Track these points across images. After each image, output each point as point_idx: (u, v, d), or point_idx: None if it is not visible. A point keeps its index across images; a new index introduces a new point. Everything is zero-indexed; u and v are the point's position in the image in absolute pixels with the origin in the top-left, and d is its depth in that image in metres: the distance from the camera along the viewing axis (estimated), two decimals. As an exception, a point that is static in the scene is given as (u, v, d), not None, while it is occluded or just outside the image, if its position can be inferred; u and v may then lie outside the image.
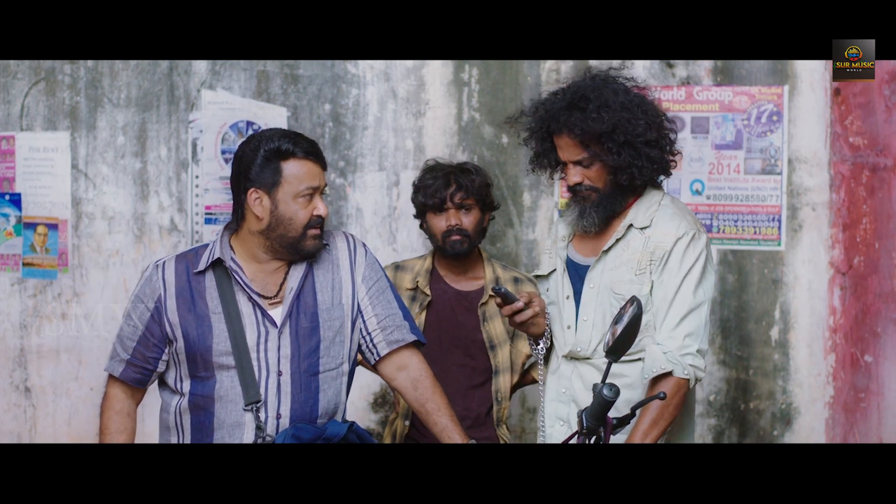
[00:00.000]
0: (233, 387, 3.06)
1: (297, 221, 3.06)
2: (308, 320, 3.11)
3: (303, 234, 3.07)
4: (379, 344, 3.21)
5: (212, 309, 3.08)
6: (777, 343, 4.70)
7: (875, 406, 4.57)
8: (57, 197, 5.04)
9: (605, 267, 3.29)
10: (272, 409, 3.07)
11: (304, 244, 3.08)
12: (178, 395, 3.15)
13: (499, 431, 3.92)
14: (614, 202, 3.29)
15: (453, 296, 3.92)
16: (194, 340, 3.07)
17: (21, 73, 5.04)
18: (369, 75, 4.86)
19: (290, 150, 3.04)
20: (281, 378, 3.08)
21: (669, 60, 4.69)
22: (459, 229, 3.85)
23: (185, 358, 3.09)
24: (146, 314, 3.12)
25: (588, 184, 3.26)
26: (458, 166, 3.95)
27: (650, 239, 3.25)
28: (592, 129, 3.20)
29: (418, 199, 3.92)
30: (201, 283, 3.10)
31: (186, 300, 3.09)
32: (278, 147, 3.04)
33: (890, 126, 4.51)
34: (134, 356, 3.15)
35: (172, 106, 4.95)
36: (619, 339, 2.84)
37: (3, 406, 5.10)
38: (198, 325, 3.07)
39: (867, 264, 4.57)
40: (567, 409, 3.34)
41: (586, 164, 3.25)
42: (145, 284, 3.14)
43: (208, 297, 3.09)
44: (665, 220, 3.27)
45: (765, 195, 4.67)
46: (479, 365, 3.90)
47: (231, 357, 3.05)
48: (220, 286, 3.09)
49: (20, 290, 5.08)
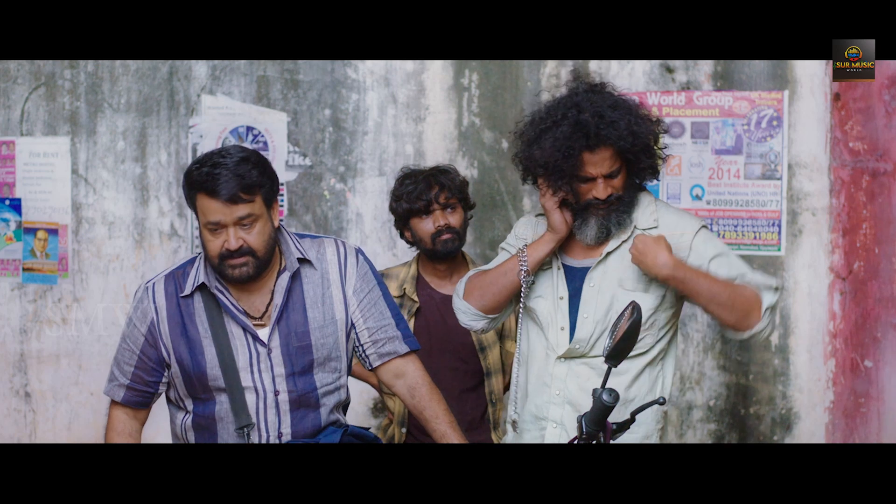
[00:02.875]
0: (229, 409, 3.06)
1: (209, 250, 3.01)
2: (298, 339, 3.08)
3: (219, 263, 3.01)
4: (371, 356, 3.21)
5: (202, 333, 3.06)
6: (777, 348, 4.70)
7: (875, 411, 4.56)
8: (57, 202, 5.04)
9: (608, 268, 3.29)
10: (273, 428, 3.06)
11: (225, 273, 3.02)
12: (184, 412, 3.14)
13: (495, 434, 3.93)
14: (632, 203, 3.32)
15: (441, 301, 3.92)
16: (188, 365, 3.05)
17: (21, 78, 5.04)
18: (369, 80, 4.86)
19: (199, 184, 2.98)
20: (279, 397, 3.06)
21: (669, 65, 4.70)
22: (449, 228, 3.86)
23: (182, 381, 3.08)
24: (140, 338, 3.10)
25: (614, 194, 3.26)
26: (434, 168, 3.96)
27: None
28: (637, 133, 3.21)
29: (401, 206, 3.90)
30: (190, 305, 3.07)
31: (178, 324, 3.07)
32: (192, 179, 2.99)
33: (890, 131, 4.51)
34: (133, 381, 3.13)
35: (172, 111, 4.96)
36: (619, 344, 2.84)
37: (3, 411, 5.10)
38: (190, 349, 3.05)
39: (867, 269, 4.57)
40: (561, 410, 3.30)
41: (614, 174, 3.25)
42: (137, 307, 3.11)
43: (198, 321, 3.06)
44: (671, 219, 3.31)
45: (765, 200, 4.67)
46: (471, 368, 3.91)
47: (221, 380, 3.04)
48: (208, 309, 3.06)
49: (20, 294, 5.08)
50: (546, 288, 3.36)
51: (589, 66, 4.70)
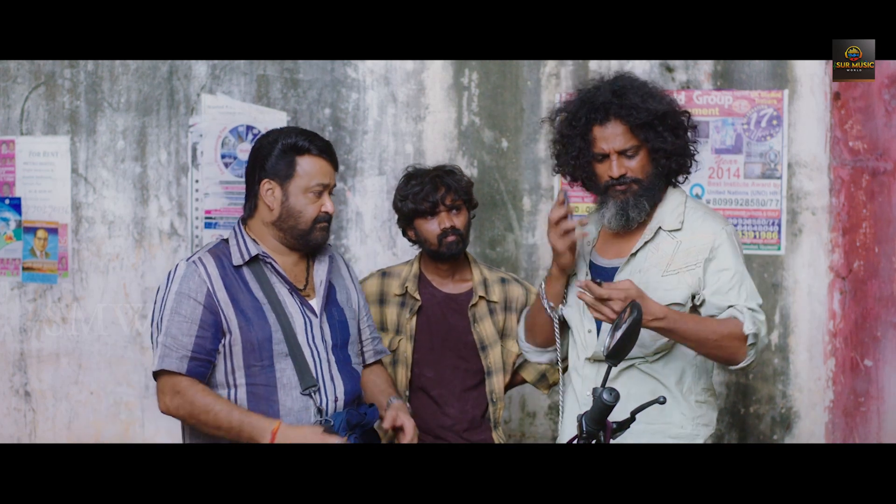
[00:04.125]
0: (291, 374, 3.14)
1: (305, 215, 3.18)
2: (338, 314, 3.29)
3: (311, 227, 3.20)
4: (367, 352, 3.50)
5: (261, 300, 3.15)
6: (777, 347, 4.70)
7: (875, 410, 4.57)
8: (57, 201, 5.04)
9: (634, 269, 3.28)
10: (330, 393, 3.18)
11: (312, 236, 3.21)
12: (230, 389, 3.15)
13: (495, 434, 3.93)
14: (655, 193, 3.29)
15: (442, 299, 3.93)
16: (249, 332, 3.11)
17: (21, 78, 5.04)
18: (369, 79, 4.86)
19: (306, 147, 3.18)
20: (331, 364, 3.20)
21: (669, 64, 4.70)
22: (454, 230, 3.87)
23: (242, 349, 3.13)
24: (198, 308, 3.11)
25: (630, 176, 3.25)
26: (441, 169, 3.96)
27: (682, 243, 3.26)
28: (650, 110, 3.20)
29: (407, 205, 3.91)
30: (241, 276, 3.17)
31: (234, 293, 3.14)
32: (295, 143, 3.18)
33: (890, 130, 4.51)
34: (196, 350, 3.12)
35: (172, 110, 4.96)
36: (619, 343, 2.85)
37: (2, 410, 5.10)
38: (250, 316, 3.12)
39: (867, 268, 4.57)
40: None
41: (631, 154, 3.24)
42: (186, 280, 3.13)
43: (254, 289, 3.16)
44: (697, 222, 3.28)
45: (765, 199, 4.67)
46: (472, 367, 3.91)
47: (285, 345, 3.13)
48: (259, 278, 3.17)
49: (20, 294, 5.08)
50: (574, 295, 3.38)
51: (589, 66, 4.70)
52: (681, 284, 3.22)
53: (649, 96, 3.23)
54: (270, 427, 3.03)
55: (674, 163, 3.29)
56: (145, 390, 4.97)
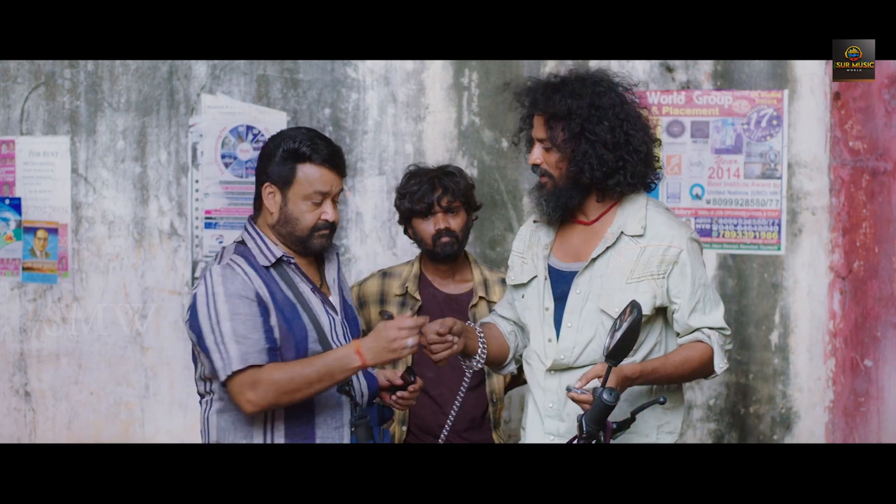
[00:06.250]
0: None
1: (303, 222, 3.15)
2: (350, 311, 3.31)
3: (309, 234, 3.16)
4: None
5: (293, 299, 3.14)
6: (777, 347, 4.70)
7: (875, 410, 4.57)
8: (57, 201, 5.04)
9: (594, 274, 3.19)
10: (357, 388, 3.18)
11: (310, 243, 3.18)
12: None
13: (495, 434, 3.93)
14: (567, 196, 3.21)
15: (443, 299, 3.93)
16: (290, 330, 3.10)
17: (21, 78, 5.04)
18: (369, 80, 4.86)
19: (307, 155, 3.13)
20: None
21: (669, 64, 4.70)
22: (449, 231, 3.87)
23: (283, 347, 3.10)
24: (253, 305, 3.07)
25: (545, 168, 3.21)
26: (441, 170, 3.96)
27: (647, 249, 3.17)
28: (552, 108, 3.16)
29: (404, 204, 3.93)
30: (270, 276, 3.14)
31: (274, 291, 3.12)
32: (297, 149, 3.14)
33: (890, 130, 4.51)
34: (268, 341, 3.07)
35: (172, 110, 4.96)
36: (619, 343, 2.84)
37: (2, 410, 5.10)
38: (288, 315, 3.11)
39: (867, 268, 4.57)
40: (556, 423, 3.21)
41: (546, 148, 3.20)
42: (230, 281, 3.07)
43: (284, 289, 3.15)
44: (662, 228, 3.20)
45: (765, 199, 4.67)
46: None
47: (318, 344, 3.12)
48: (285, 278, 3.16)
49: (20, 294, 5.08)
50: (533, 299, 3.30)
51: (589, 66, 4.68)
52: (645, 294, 3.13)
53: (574, 95, 3.17)
54: (352, 351, 3.02)
55: (572, 169, 3.18)
56: (145, 390, 4.97)
